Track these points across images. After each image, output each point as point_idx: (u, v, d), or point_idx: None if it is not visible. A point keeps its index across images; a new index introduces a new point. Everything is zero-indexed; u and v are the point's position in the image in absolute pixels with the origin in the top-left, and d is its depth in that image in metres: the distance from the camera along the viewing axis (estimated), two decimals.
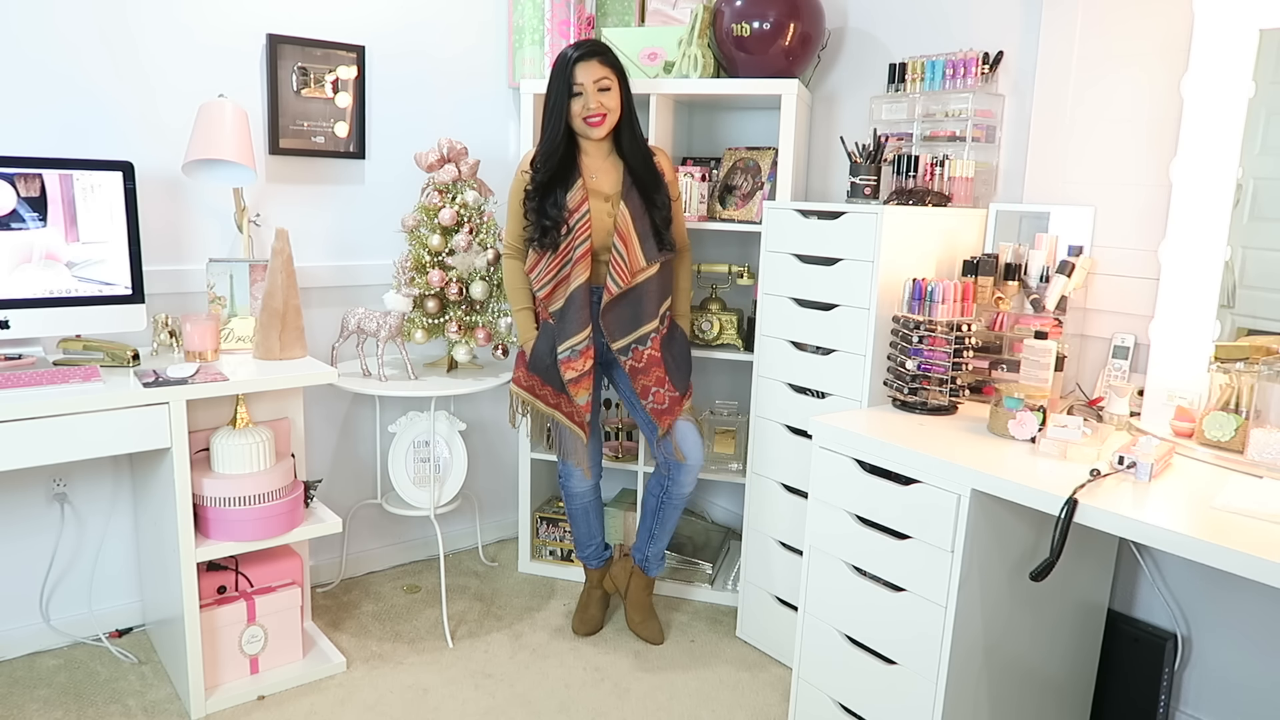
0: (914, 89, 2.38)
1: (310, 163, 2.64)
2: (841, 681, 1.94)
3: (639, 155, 2.34)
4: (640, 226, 2.31)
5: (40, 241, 2.06)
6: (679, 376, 2.44)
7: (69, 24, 2.22)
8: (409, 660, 2.42)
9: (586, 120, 2.26)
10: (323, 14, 2.58)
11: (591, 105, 2.24)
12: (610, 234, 2.31)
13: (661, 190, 2.35)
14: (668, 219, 2.36)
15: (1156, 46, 2.01)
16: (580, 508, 2.58)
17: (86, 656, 2.36)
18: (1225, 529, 1.40)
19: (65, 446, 1.88)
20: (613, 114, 2.28)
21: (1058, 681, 2.00)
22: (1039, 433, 1.79)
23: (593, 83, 2.24)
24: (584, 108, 2.25)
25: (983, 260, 2.13)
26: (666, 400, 2.40)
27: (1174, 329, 1.91)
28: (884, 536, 1.82)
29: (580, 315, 2.32)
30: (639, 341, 2.36)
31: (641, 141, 2.35)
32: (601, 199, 2.32)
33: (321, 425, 2.78)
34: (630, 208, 2.31)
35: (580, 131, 2.30)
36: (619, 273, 2.30)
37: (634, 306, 2.34)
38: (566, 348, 2.34)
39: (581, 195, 2.30)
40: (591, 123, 2.26)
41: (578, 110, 2.27)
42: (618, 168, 2.35)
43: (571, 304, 2.32)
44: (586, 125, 2.27)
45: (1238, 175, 1.82)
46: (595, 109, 2.25)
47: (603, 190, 2.33)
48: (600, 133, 2.28)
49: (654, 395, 2.38)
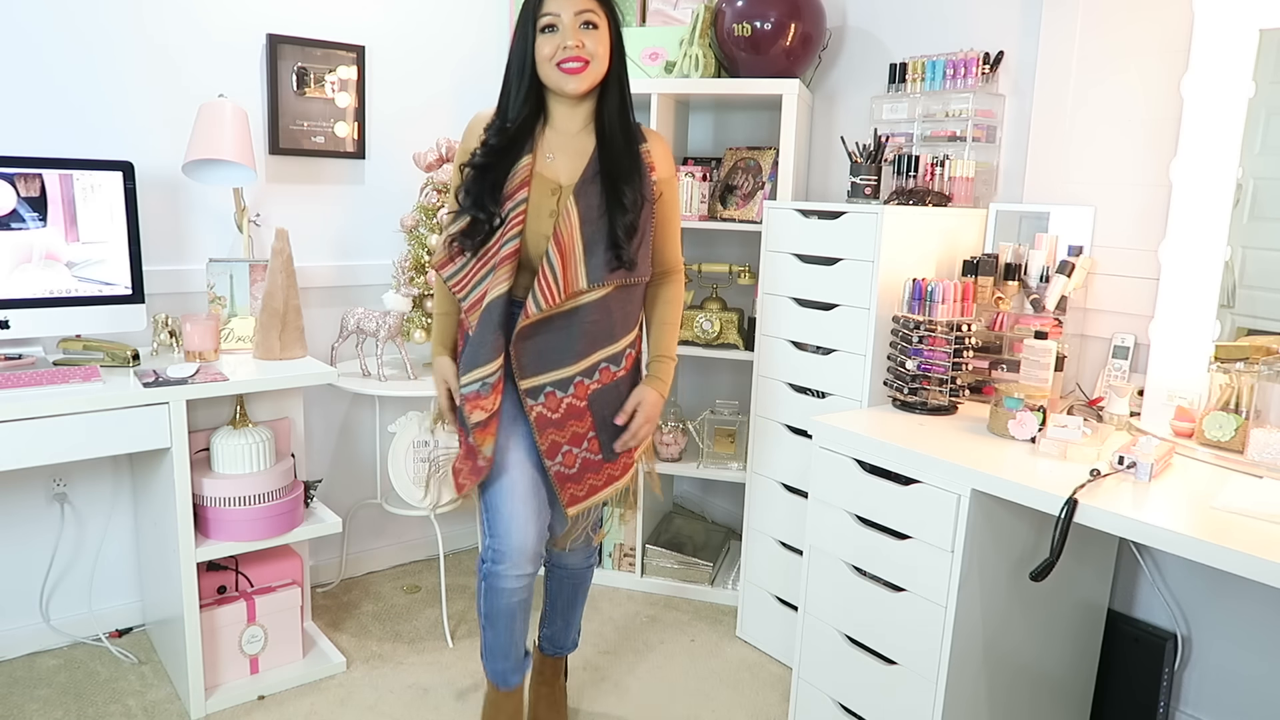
0: (914, 89, 2.38)
1: (310, 163, 2.64)
2: (841, 681, 1.94)
3: (619, 133, 1.75)
4: (590, 233, 1.71)
5: (40, 241, 2.06)
6: (613, 439, 1.84)
7: (69, 23, 2.22)
8: (409, 660, 2.42)
9: (560, 65, 1.67)
10: (323, 14, 2.58)
11: (570, 43, 1.65)
12: (547, 238, 1.73)
13: (636, 186, 1.74)
14: (633, 227, 1.73)
15: (1157, 46, 2.01)
16: (505, 608, 1.86)
17: (86, 656, 2.36)
18: (1225, 529, 1.40)
19: (65, 446, 1.88)
20: (597, 63, 1.69)
21: (1057, 681, 2.00)
22: (1039, 433, 1.79)
23: (573, 15, 1.66)
24: (559, 48, 1.66)
25: (983, 260, 2.13)
26: (578, 464, 1.83)
27: (1174, 329, 1.91)
28: (884, 536, 1.82)
29: (493, 338, 1.74)
30: (557, 386, 1.77)
31: (629, 115, 1.78)
32: (548, 190, 1.74)
33: (321, 425, 2.78)
34: (582, 206, 1.71)
35: (552, 84, 1.71)
36: (544, 290, 1.71)
37: (559, 337, 1.76)
38: (473, 380, 1.76)
39: (524, 177, 1.72)
40: (567, 68, 1.67)
41: (548, 52, 1.67)
42: (588, 147, 1.76)
43: (485, 322, 1.74)
44: (560, 73, 1.68)
45: (1238, 175, 1.82)
46: (574, 49, 1.66)
47: (554, 177, 1.75)
48: (577, 85, 1.68)
49: (564, 456, 1.81)
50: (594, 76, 1.70)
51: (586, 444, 1.83)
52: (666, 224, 1.85)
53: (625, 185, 1.73)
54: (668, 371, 1.88)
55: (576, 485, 1.84)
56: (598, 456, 1.84)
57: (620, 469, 1.88)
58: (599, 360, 1.79)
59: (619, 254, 1.72)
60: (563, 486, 1.83)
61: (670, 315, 1.90)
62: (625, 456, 1.88)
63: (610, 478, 1.88)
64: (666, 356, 1.88)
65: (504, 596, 1.84)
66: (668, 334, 1.89)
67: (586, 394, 1.79)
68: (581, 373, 1.78)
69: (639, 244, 1.76)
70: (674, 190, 1.86)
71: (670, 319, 1.90)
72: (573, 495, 1.85)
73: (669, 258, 1.88)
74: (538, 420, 1.79)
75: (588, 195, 1.73)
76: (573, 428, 1.80)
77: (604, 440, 1.84)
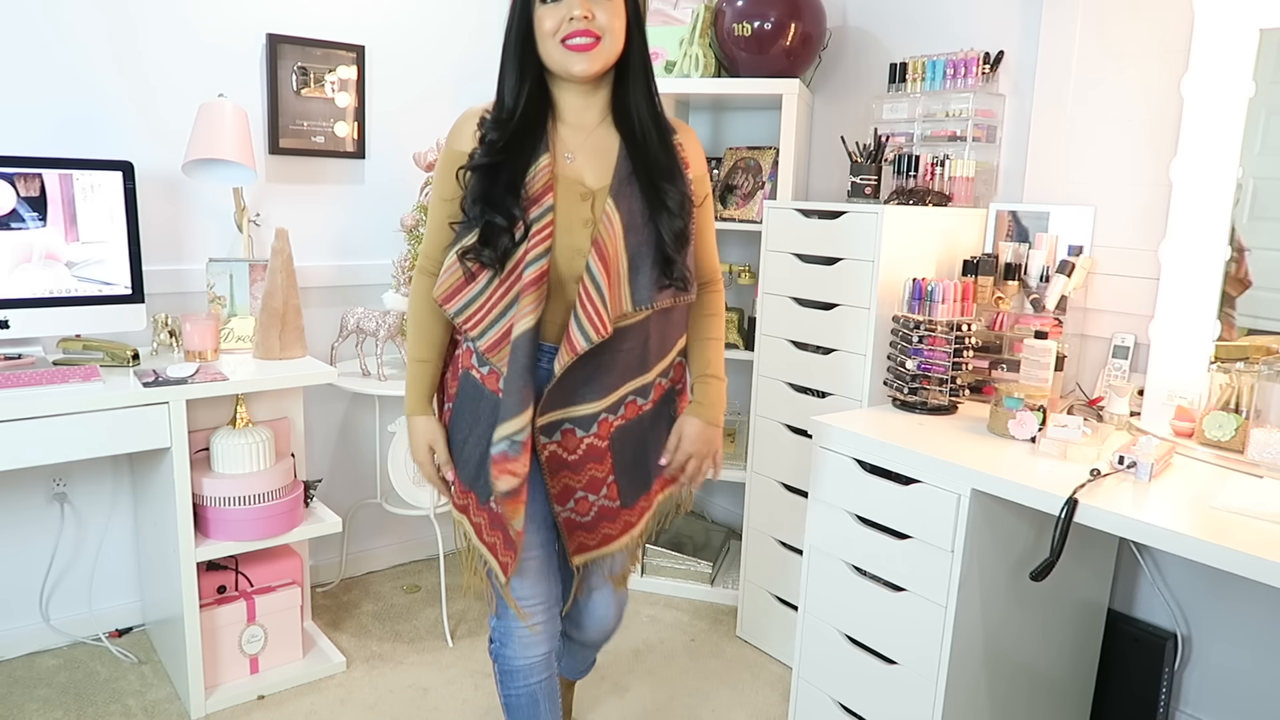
0: (914, 89, 2.38)
1: (310, 162, 2.64)
2: (841, 681, 1.94)
3: (651, 124, 1.45)
4: (635, 244, 1.42)
5: (40, 241, 2.06)
6: (635, 481, 1.55)
7: (69, 23, 2.22)
8: (409, 660, 2.42)
9: (566, 41, 1.37)
10: (323, 14, 2.57)
11: (576, 13, 1.35)
12: (585, 252, 1.41)
13: (680, 186, 1.46)
14: (683, 235, 1.45)
15: (1157, 46, 2.01)
16: (525, 695, 1.61)
17: (86, 656, 2.36)
18: (1225, 529, 1.40)
19: (65, 446, 1.88)
20: (611, 38, 1.38)
21: (1058, 681, 2.00)
22: (1039, 432, 1.79)
23: None
24: (563, 20, 1.36)
25: (983, 260, 2.13)
26: (594, 513, 1.55)
27: (1174, 329, 1.90)
28: (884, 536, 1.81)
29: (521, 384, 1.42)
30: (578, 424, 1.50)
31: (656, 102, 1.47)
32: (577, 195, 1.43)
33: (321, 425, 2.78)
34: (623, 210, 1.42)
35: (556, 66, 1.40)
36: (591, 317, 1.40)
37: (587, 369, 1.46)
38: (500, 439, 1.43)
39: (546, 180, 1.41)
40: (574, 45, 1.37)
41: (551, 25, 1.37)
42: (611, 144, 1.46)
43: (513, 364, 1.42)
44: (564, 51, 1.37)
45: (1238, 175, 1.82)
46: (581, 20, 1.35)
47: (580, 178, 1.44)
48: (587, 65, 1.38)
49: (577, 502, 1.54)
50: (607, 55, 1.39)
51: (605, 490, 1.54)
52: (704, 228, 1.56)
53: (668, 185, 1.44)
54: (718, 395, 1.57)
55: (588, 534, 1.58)
56: (616, 503, 1.56)
57: (638, 514, 1.60)
58: (627, 393, 1.51)
59: (668, 269, 1.43)
60: (571, 534, 1.57)
61: (714, 330, 1.60)
62: (643, 500, 1.60)
63: (627, 525, 1.59)
64: (714, 376, 1.58)
65: (519, 678, 1.60)
66: (713, 350, 1.59)
67: (610, 432, 1.51)
68: (607, 409, 1.50)
69: (687, 255, 1.47)
70: (708, 189, 1.57)
71: (714, 334, 1.60)
72: (581, 543, 1.59)
73: (708, 266, 1.59)
74: (550, 460, 1.51)
75: (626, 199, 1.42)
76: (591, 471, 1.52)
77: (624, 485, 1.55)
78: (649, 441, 1.57)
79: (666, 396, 1.59)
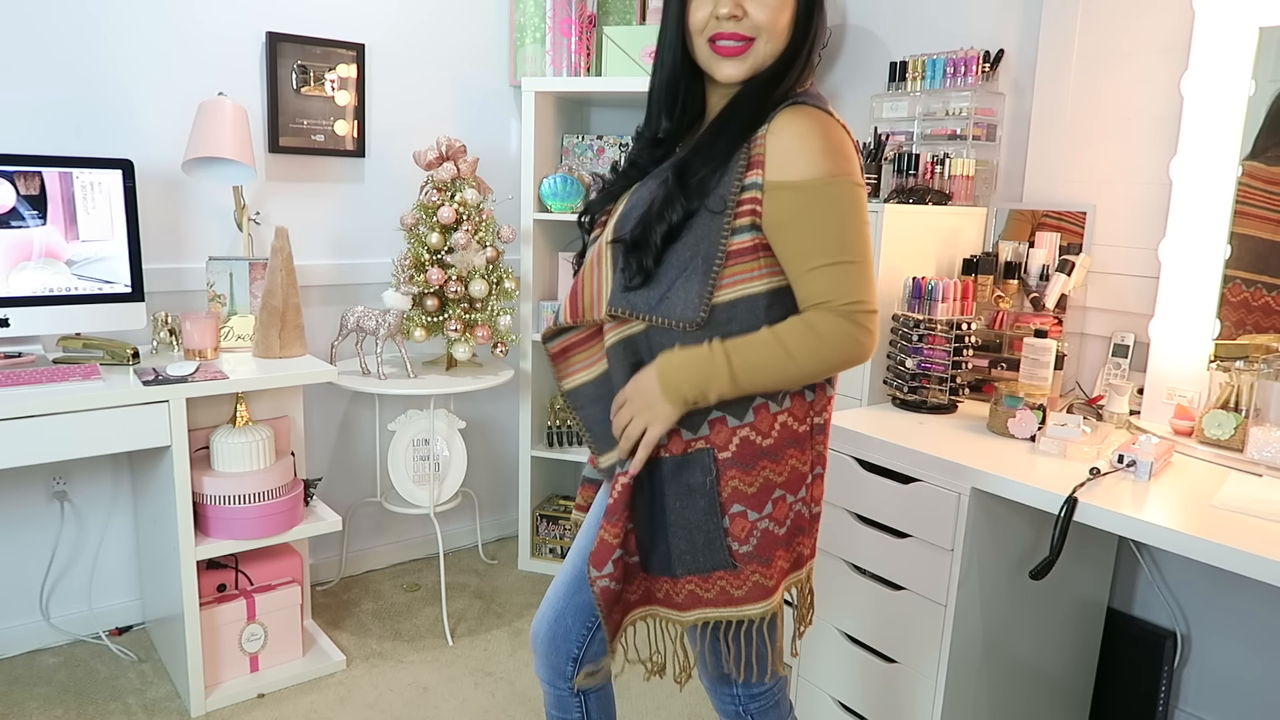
0: (914, 87, 2.38)
1: (310, 161, 2.64)
2: (841, 680, 1.94)
3: (742, 106, 1.21)
4: (620, 234, 1.24)
5: (40, 239, 2.06)
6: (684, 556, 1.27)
7: (69, 21, 2.22)
8: (409, 658, 2.42)
9: (714, 43, 1.20)
10: (322, 12, 2.57)
11: (723, 10, 1.17)
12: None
13: (705, 181, 1.19)
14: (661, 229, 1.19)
15: (1156, 45, 2.01)
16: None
17: (86, 654, 2.36)
18: (1225, 527, 1.40)
19: (65, 444, 1.88)
20: (767, 40, 1.19)
21: (1057, 679, 2.01)
22: (1039, 431, 1.79)
23: None
24: (710, 17, 1.19)
25: (983, 259, 2.13)
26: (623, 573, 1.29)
27: (1174, 327, 1.91)
28: (884, 535, 1.82)
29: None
30: (606, 474, 1.35)
31: (772, 89, 1.21)
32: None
33: (321, 423, 2.78)
34: (633, 199, 1.27)
35: (704, 66, 1.24)
36: (568, 303, 1.31)
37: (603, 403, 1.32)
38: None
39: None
40: (720, 48, 1.20)
41: (699, 21, 1.21)
42: None
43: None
44: (712, 52, 1.21)
45: (1237, 174, 1.82)
46: (729, 21, 1.18)
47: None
48: (731, 71, 1.21)
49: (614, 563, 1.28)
50: (759, 59, 1.20)
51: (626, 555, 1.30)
52: (785, 245, 1.18)
53: (690, 177, 1.20)
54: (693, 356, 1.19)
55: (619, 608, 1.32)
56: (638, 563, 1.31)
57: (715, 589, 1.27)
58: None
59: (629, 272, 1.21)
60: (608, 613, 1.30)
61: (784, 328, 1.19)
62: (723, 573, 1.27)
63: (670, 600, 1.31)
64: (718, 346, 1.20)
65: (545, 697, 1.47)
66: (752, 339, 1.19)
67: (631, 485, 1.26)
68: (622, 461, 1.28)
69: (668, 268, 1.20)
70: (800, 197, 1.16)
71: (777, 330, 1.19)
72: (614, 621, 1.33)
73: (805, 290, 1.18)
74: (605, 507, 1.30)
75: (646, 188, 1.26)
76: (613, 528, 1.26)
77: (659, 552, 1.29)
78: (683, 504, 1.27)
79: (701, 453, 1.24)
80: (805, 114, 1.17)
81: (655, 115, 1.31)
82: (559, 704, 1.45)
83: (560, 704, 1.45)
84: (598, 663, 1.40)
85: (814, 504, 1.31)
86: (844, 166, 1.17)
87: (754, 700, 1.41)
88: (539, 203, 2.75)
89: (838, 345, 1.17)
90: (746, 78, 1.22)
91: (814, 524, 1.33)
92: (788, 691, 1.47)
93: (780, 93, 1.20)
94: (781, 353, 1.18)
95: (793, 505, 1.28)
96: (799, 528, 1.30)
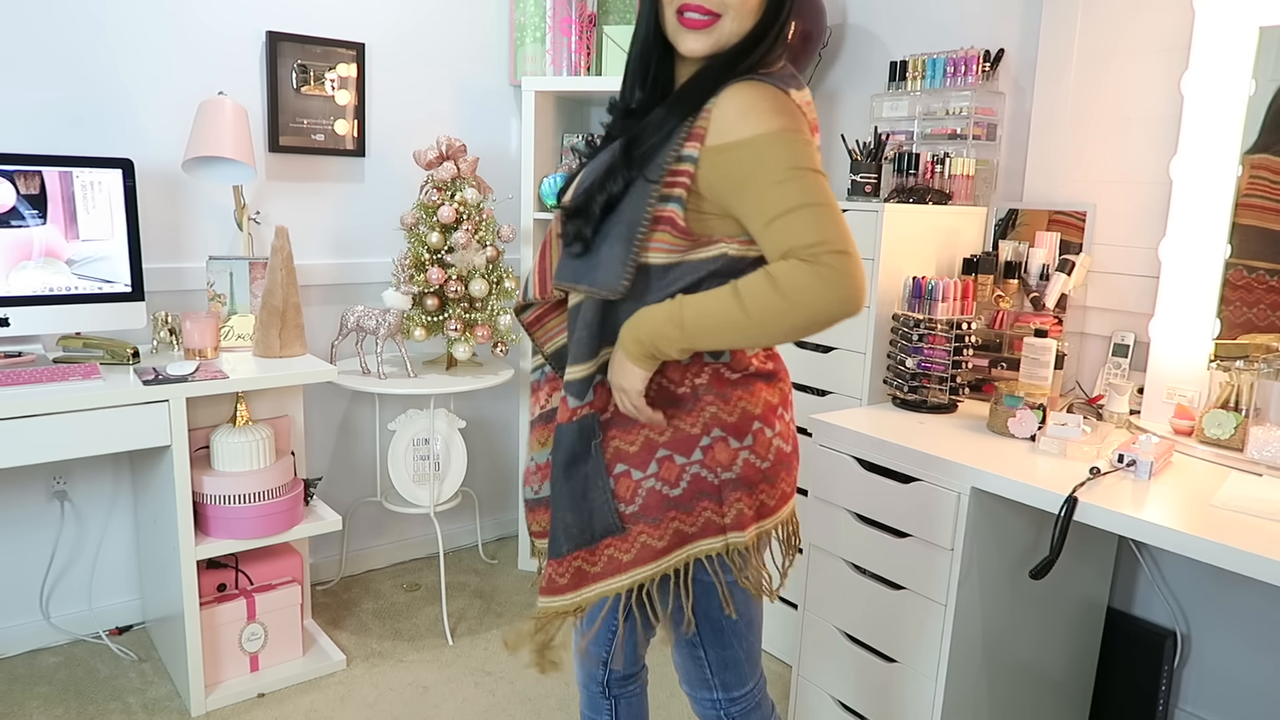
0: (914, 87, 2.38)
1: (310, 160, 2.64)
2: (842, 679, 1.95)
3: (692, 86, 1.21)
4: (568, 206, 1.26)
5: (40, 239, 2.06)
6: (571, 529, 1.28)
7: (69, 21, 2.22)
8: (409, 658, 2.42)
9: (681, 15, 1.19)
10: (323, 11, 2.57)
11: None
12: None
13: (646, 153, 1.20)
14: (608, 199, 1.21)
15: (1156, 44, 2.01)
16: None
17: (86, 654, 2.36)
18: (1225, 527, 1.40)
19: (65, 444, 1.88)
20: (734, 18, 1.18)
21: (1057, 679, 2.01)
22: (1039, 431, 1.79)
23: None
24: None
25: (983, 258, 2.13)
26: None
27: (1174, 327, 1.91)
28: (884, 534, 1.82)
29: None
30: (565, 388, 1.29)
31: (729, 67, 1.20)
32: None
33: (321, 423, 2.78)
34: (589, 168, 1.29)
35: (670, 38, 1.23)
36: (535, 276, 1.35)
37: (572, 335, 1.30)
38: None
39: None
40: (686, 20, 1.19)
41: None
42: None
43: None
44: (678, 24, 1.20)
45: (1238, 173, 1.82)
46: None
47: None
48: (695, 45, 1.20)
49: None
50: (722, 36, 1.19)
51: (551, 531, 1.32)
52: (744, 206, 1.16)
53: (636, 149, 1.20)
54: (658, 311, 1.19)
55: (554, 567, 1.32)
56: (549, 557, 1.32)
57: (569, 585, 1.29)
58: (573, 385, 1.26)
59: (567, 238, 1.24)
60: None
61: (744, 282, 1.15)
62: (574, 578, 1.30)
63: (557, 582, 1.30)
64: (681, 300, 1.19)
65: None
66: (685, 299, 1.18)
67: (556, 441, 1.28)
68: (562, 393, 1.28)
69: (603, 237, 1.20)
70: (744, 154, 1.14)
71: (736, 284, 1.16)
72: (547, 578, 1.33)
73: (769, 245, 1.15)
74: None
75: (599, 159, 1.27)
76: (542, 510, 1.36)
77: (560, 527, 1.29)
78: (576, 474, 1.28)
79: (588, 423, 1.25)
80: (753, 86, 1.17)
81: (629, 86, 1.30)
82: (591, 704, 1.51)
83: (593, 705, 1.51)
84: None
85: (761, 459, 1.27)
86: (790, 123, 1.15)
87: (734, 704, 1.42)
88: (539, 202, 2.75)
89: (801, 293, 1.11)
90: (710, 53, 1.21)
91: (778, 471, 1.30)
92: (768, 692, 1.48)
93: (741, 70, 1.20)
94: (734, 304, 1.14)
95: (685, 467, 1.25)
96: (743, 482, 1.26)
